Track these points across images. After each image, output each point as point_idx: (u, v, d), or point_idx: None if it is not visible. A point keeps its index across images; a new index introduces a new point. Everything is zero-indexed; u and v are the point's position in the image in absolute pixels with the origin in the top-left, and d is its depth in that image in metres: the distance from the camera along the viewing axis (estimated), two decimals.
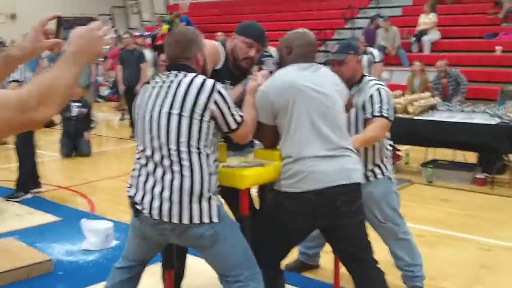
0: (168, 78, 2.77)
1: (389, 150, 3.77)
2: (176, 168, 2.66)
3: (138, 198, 2.73)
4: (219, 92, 2.71)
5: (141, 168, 2.76)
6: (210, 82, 2.72)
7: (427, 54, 12.81)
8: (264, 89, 3.00)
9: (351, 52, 3.61)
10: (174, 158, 2.66)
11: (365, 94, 3.58)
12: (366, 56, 8.66)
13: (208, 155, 2.71)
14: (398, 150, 7.76)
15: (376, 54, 8.89)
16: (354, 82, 3.64)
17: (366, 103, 3.56)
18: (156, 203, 2.67)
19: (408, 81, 10.32)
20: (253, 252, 2.87)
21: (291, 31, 3.19)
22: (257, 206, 3.60)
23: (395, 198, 3.74)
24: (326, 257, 4.12)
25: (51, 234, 5.18)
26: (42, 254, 4.49)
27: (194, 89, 2.68)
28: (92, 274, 4.28)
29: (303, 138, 2.92)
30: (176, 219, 2.65)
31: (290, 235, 3.07)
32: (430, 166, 7.04)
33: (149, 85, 2.85)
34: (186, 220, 2.66)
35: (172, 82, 2.74)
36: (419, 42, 13.14)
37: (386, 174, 3.68)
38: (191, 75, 2.74)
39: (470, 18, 13.59)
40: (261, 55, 3.36)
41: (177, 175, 2.65)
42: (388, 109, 3.53)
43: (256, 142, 3.42)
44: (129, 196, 2.79)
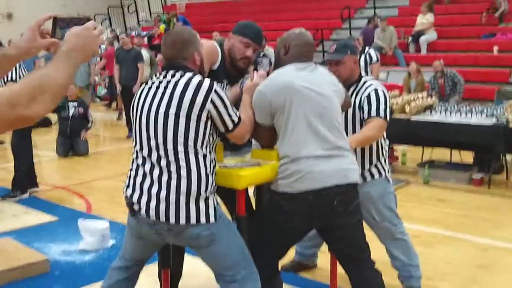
0: (165, 78, 2.77)
1: (386, 150, 3.77)
2: (173, 168, 2.65)
3: (135, 198, 2.73)
4: (216, 92, 2.71)
5: (138, 168, 2.76)
6: (207, 82, 2.72)
7: (424, 54, 12.83)
8: (261, 89, 3.00)
9: (349, 52, 3.61)
10: (171, 158, 2.66)
11: (362, 94, 3.58)
12: (363, 56, 8.66)
13: (205, 155, 2.71)
14: (395, 150, 7.78)
15: (373, 54, 8.90)
16: (351, 82, 3.64)
17: (363, 103, 3.56)
18: (152, 203, 2.67)
19: (404, 81, 10.33)
20: (250, 252, 2.87)
21: (289, 31, 3.19)
22: (253, 206, 3.60)
23: (392, 198, 3.74)
24: (323, 257, 4.12)
25: (48, 234, 5.17)
26: (39, 254, 4.48)
27: (191, 89, 2.68)
28: (88, 274, 4.27)
29: (300, 138, 2.92)
30: (173, 220, 2.65)
31: (287, 235, 3.07)
32: (426, 166, 7.05)
33: (146, 85, 2.85)
34: (183, 220, 2.65)
35: (169, 82, 2.74)
36: (416, 42, 13.16)
37: (384, 174, 3.68)
38: (188, 75, 2.74)
39: (467, 18, 13.61)
40: (256, 55, 3.36)
41: (174, 175, 2.65)
42: (385, 109, 3.53)
43: (253, 142, 3.42)
44: (125, 196, 2.79)
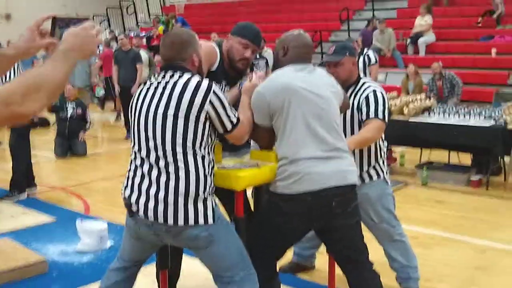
0: (163, 79, 2.77)
1: (384, 151, 3.77)
2: (171, 169, 2.65)
3: (133, 199, 2.72)
4: (215, 93, 2.71)
5: (136, 169, 2.76)
6: (205, 82, 2.72)
7: (423, 56, 12.84)
8: (260, 90, 3.00)
9: (347, 53, 3.61)
10: (170, 159, 2.66)
11: (360, 96, 3.59)
12: (361, 57, 8.67)
13: (203, 156, 2.71)
14: (393, 151, 7.78)
15: (371, 55, 8.91)
16: (350, 83, 3.64)
17: (361, 105, 3.56)
18: (151, 204, 2.66)
19: (402, 83, 10.34)
20: (248, 253, 2.87)
21: (288, 32, 3.19)
22: (252, 207, 3.60)
23: (391, 200, 3.75)
24: (321, 258, 4.12)
25: (46, 234, 5.16)
26: (37, 254, 4.48)
27: (190, 90, 2.68)
28: (86, 275, 4.27)
29: (299, 140, 2.92)
30: (171, 221, 2.65)
31: (285, 236, 3.07)
32: (425, 167, 7.05)
33: (144, 86, 2.85)
34: (181, 221, 2.65)
35: (167, 83, 2.74)
36: (415, 44, 13.17)
37: (382, 176, 3.68)
38: (187, 76, 2.74)
39: (466, 20, 13.63)
40: None
41: (172, 176, 2.65)
42: (383, 110, 3.54)
43: (252, 143, 3.42)
44: (124, 196, 2.79)
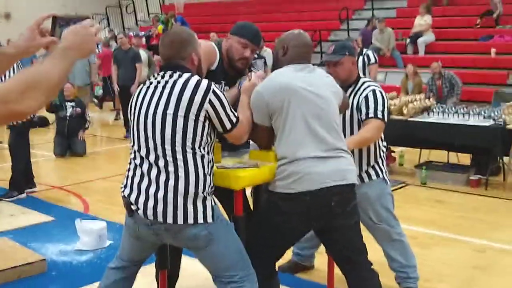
0: (163, 79, 2.77)
1: (383, 151, 3.77)
2: (171, 168, 2.65)
3: (132, 198, 2.72)
4: (214, 92, 2.71)
5: (135, 168, 2.75)
6: (205, 82, 2.72)
7: (422, 55, 12.85)
8: (259, 89, 3.00)
9: (347, 53, 3.61)
10: (169, 158, 2.65)
11: (360, 96, 3.59)
12: (361, 57, 8.67)
13: (203, 156, 2.71)
14: (392, 151, 7.78)
15: (371, 55, 8.90)
16: (349, 83, 3.64)
17: (361, 105, 3.56)
18: (150, 203, 2.66)
19: (402, 83, 10.34)
20: (247, 252, 2.87)
21: (287, 32, 3.19)
22: (251, 207, 3.60)
23: (390, 200, 3.75)
24: (321, 258, 4.12)
25: (45, 234, 5.16)
26: (36, 254, 4.48)
27: (189, 89, 2.68)
28: (85, 274, 4.27)
29: (298, 139, 2.92)
30: (170, 219, 2.65)
31: (284, 236, 3.07)
32: (424, 167, 7.05)
33: (144, 85, 2.84)
34: (180, 220, 2.65)
35: (167, 82, 2.74)
36: (414, 44, 13.17)
37: (381, 176, 3.69)
38: (186, 76, 2.74)
39: (465, 20, 13.63)
40: None
41: (171, 176, 2.64)
42: (383, 110, 3.54)
43: (251, 142, 3.41)
44: (123, 195, 2.79)
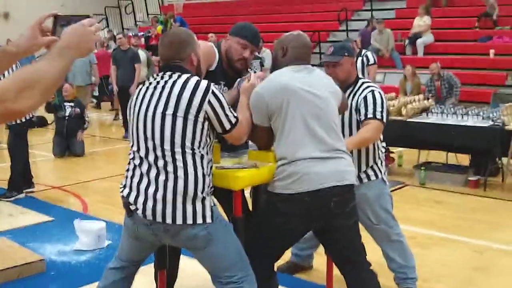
0: (162, 79, 2.77)
1: (382, 152, 3.77)
2: (170, 168, 2.65)
3: (131, 198, 2.72)
4: (214, 93, 2.71)
5: (135, 168, 2.76)
6: (204, 83, 2.72)
7: (421, 56, 12.85)
8: (258, 90, 3.00)
9: (346, 54, 3.62)
10: (168, 158, 2.66)
11: (359, 96, 3.59)
12: (360, 58, 8.67)
13: (202, 156, 2.71)
14: (391, 152, 7.79)
15: (370, 56, 8.91)
16: (348, 84, 3.65)
17: (360, 105, 3.56)
18: (149, 204, 2.66)
19: (400, 84, 10.34)
20: (246, 253, 2.87)
21: (287, 33, 3.20)
22: (250, 207, 3.60)
23: (389, 200, 3.75)
24: (319, 258, 4.12)
25: (44, 234, 5.16)
26: (35, 254, 4.47)
27: (189, 89, 2.68)
28: (84, 274, 4.27)
29: (297, 140, 2.92)
30: (169, 220, 2.65)
31: (284, 237, 3.07)
32: (423, 168, 7.06)
33: (143, 85, 2.85)
34: (179, 220, 2.65)
35: (166, 82, 2.74)
36: (413, 45, 13.18)
37: (380, 176, 3.69)
38: (185, 76, 2.74)
39: (464, 21, 13.64)
40: None
41: (171, 176, 2.65)
42: (382, 111, 3.54)
43: (250, 143, 3.42)
44: (122, 196, 2.79)
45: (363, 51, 8.99)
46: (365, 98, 3.56)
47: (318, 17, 16.14)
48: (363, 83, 3.67)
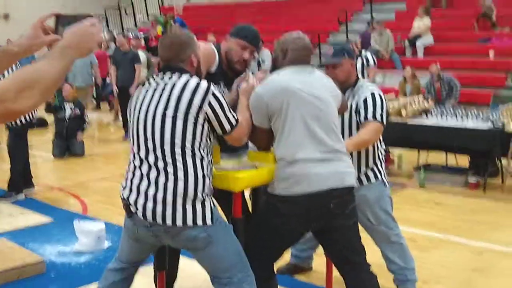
0: (162, 80, 2.77)
1: (382, 153, 3.77)
2: (170, 170, 2.65)
3: (131, 199, 2.72)
4: (214, 94, 2.71)
5: (135, 169, 2.76)
6: (204, 84, 2.72)
7: (421, 58, 12.85)
8: (258, 91, 3.00)
9: (346, 55, 3.62)
10: (168, 160, 2.66)
11: (359, 98, 3.59)
12: (360, 59, 8.69)
13: (202, 157, 2.71)
14: (391, 153, 7.79)
15: (370, 57, 8.92)
16: (348, 85, 3.64)
17: (360, 107, 3.56)
18: (149, 205, 2.67)
19: (400, 86, 10.34)
20: (246, 254, 2.87)
21: (287, 34, 3.19)
22: (250, 209, 3.60)
23: (389, 202, 3.75)
24: (319, 259, 4.12)
25: (43, 235, 5.16)
26: (34, 255, 4.47)
27: (189, 91, 2.68)
28: (84, 275, 4.27)
29: (297, 141, 2.92)
30: (169, 221, 2.65)
31: (283, 238, 3.07)
32: (422, 169, 7.06)
33: (143, 86, 2.85)
34: (179, 222, 2.65)
35: (166, 84, 2.74)
36: (413, 46, 13.17)
37: (380, 178, 3.69)
38: (185, 77, 2.74)
39: (464, 22, 13.64)
40: None
41: (171, 177, 2.65)
42: (381, 113, 3.54)
43: (249, 144, 3.42)
44: (122, 197, 2.79)
45: (363, 53, 9.00)
46: (365, 99, 3.56)
47: (317, 18, 16.13)
48: (363, 85, 3.67)
